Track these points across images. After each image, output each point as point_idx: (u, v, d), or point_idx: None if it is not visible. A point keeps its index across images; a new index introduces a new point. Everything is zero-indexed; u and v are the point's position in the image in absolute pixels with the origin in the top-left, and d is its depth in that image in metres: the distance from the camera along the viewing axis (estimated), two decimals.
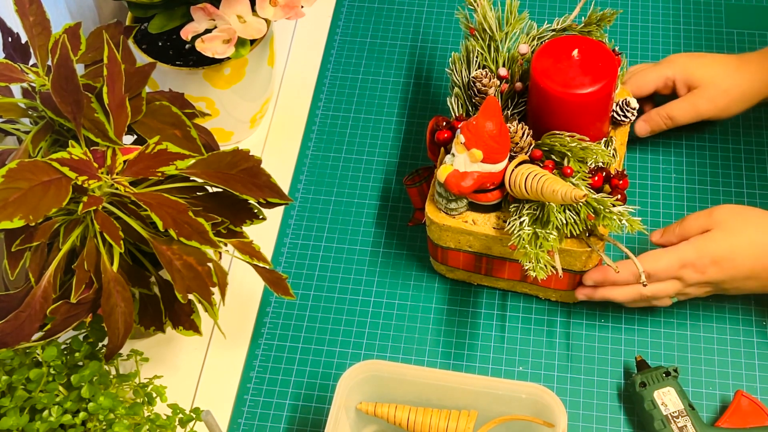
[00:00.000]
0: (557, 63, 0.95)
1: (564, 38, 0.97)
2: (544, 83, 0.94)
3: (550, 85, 0.94)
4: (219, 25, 1.01)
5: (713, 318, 1.04)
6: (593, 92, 0.94)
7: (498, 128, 0.91)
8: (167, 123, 0.89)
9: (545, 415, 0.86)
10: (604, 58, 0.95)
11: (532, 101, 0.98)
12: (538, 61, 0.95)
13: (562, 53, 0.95)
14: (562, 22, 1.03)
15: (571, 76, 0.94)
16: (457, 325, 1.04)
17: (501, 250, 0.98)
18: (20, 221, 0.75)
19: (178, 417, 0.87)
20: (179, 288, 0.80)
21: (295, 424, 0.98)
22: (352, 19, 1.31)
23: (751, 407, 0.95)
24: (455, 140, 0.93)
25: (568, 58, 0.95)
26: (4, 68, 0.86)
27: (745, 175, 1.13)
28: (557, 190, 0.88)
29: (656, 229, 1.02)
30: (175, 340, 1.04)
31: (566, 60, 0.95)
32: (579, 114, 0.95)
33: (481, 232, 0.97)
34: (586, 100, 0.94)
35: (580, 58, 0.95)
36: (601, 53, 0.95)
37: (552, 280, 1.01)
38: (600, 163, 0.95)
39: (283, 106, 1.23)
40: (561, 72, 0.94)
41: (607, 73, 0.94)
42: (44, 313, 0.80)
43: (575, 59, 0.95)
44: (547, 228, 0.92)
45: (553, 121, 0.96)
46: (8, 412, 0.82)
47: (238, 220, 0.87)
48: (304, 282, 1.08)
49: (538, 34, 1.03)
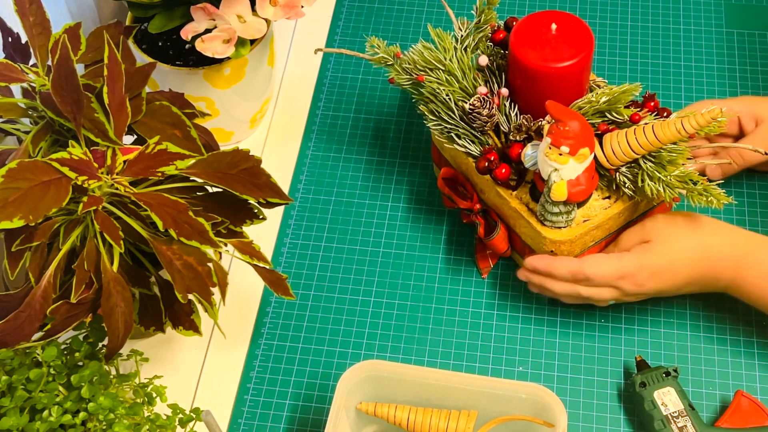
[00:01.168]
0: (536, 38, 0.95)
1: (542, 13, 0.97)
2: (523, 58, 0.95)
3: (529, 59, 0.94)
4: (219, 25, 1.01)
5: (713, 318, 1.04)
6: (572, 65, 0.94)
7: (580, 120, 0.91)
8: (167, 123, 0.89)
9: (545, 415, 0.86)
10: (581, 32, 0.95)
11: (512, 75, 0.98)
12: (516, 37, 0.96)
13: (540, 28, 0.96)
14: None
15: (549, 50, 0.95)
16: (457, 325, 1.04)
17: (620, 222, 0.99)
18: (20, 221, 0.75)
19: (178, 417, 0.87)
20: (179, 288, 0.80)
21: (295, 424, 0.98)
22: (352, 19, 1.31)
23: (751, 407, 0.95)
24: (550, 156, 0.90)
25: (546, 33, 0.95)
26: (4, 68, 0.86)
27: None
28: (675, 122, 0.91)
29: None
30: (175, 340, 1.04)
31: (544, 35, 0.95)
32: (558, 87, 0.96)
33: (614, 211, 0.97)
34: (565, 73, 0.94)
35: (557, 32, 0.95)
36: (577, 27, 0.96)
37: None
38: (634, 96, 0.96)
39: (283, 106, 1.23)
40: (540, 46, 0.95)
41: (584, 46, 0.95)
42: (44, 313, 0.80)
43: (553, 33, 0.95)
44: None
45: (533, 94, 0.97)
46: (8, 412, 0.81)
47: (238, 220, 0.87)
48: (304, 282, 1.08)
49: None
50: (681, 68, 1.23)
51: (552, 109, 0.90)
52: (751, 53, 1.24)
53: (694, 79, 1.22)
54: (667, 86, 1.21)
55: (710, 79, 1.22)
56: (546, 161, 0.91)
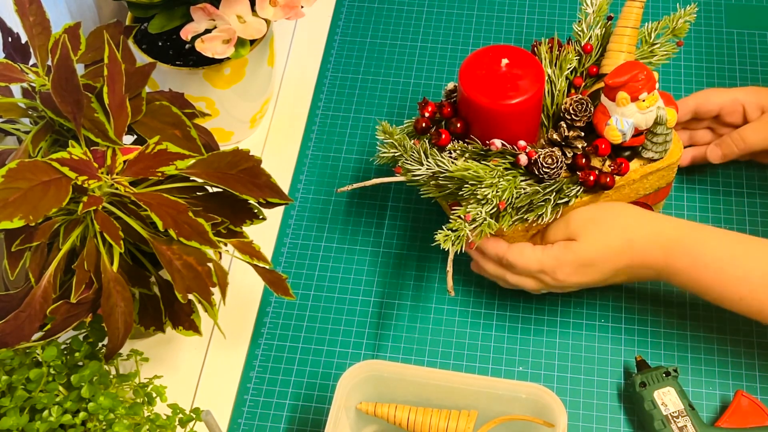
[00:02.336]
0: (486, 73, 0.94)
1: (492, 48, 0.96)
2: (472, 95, 0.93)
3: (479, 97, 0.93)
4: (219, 25, 1.01)
5: (713, 318, 1.04)
6: (522, 102, 0.93)
7: (638, 68, 0.94)
8: (167, 123, 0.89)
9: (545, 415, 0.86)
10: (532, 67, 0.94)
11: (463, 111, 0.97)
12: (466, 72, 0.94)
13: (490, 63, 0.94)
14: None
15: (499, 87, 0.93)
16: (457, 325, 1.04)
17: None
18: (20, 221, 0.75)
19: (178, 417, 0.87)
20: (179, 288, 0.80)
21: (295, 424, 0.98)
22: (352, 19, 1.31)
23: (751, 407, 0.95)
24: (644, 105, 0.94)
25: (496, 68, 0.94)
26: (4, 68, 0.86)
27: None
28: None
29: None
30: (175, 340, 1.04)
31: (494, 70, 0.94)
32: (509, 123, 0.94)
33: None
34: (516, 110, 0.93)
35: (507, 68, 0.94)
36: (528, 63, 0.94)
37: None
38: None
39: (283, 106, 1.23)
40: (489, 82, 0.93)
41: (535, 82, 0.93)
42: (44, 313, 0.80)
43: (503, 70, 0.94)
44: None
45: (485, 130, 0.95)
46: (8, 412, 0.81)
47: (238, 220, 0.87)
48: (304, 282, 1.08)
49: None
50: (681, 68, 1.23)
51: (616, 78, 0.93)
52: (751, 53, 1.24)
53: (694, 79, 1.22)
54: (666, 86, 1.21)
55: (710, 79, 1.22)
56: (642, 112, 0.94)
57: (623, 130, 0.95)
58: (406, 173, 0.97)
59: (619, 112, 0.95)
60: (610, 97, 0.95)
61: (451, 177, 0.94)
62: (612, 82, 0.93)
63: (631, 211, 0.96)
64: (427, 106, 0.99)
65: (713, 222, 1.10)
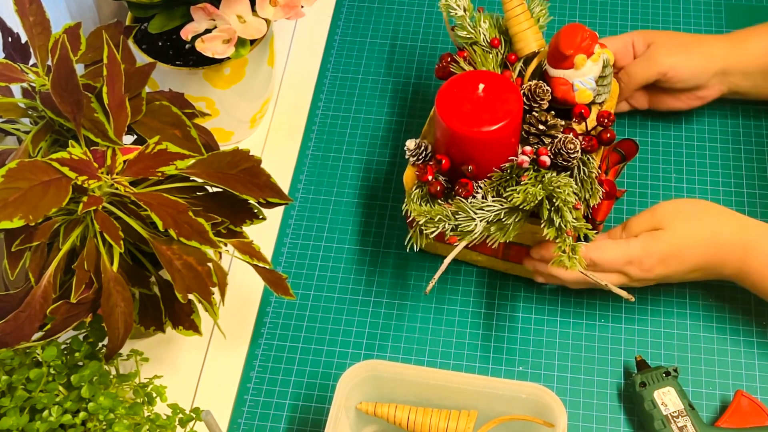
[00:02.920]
0: (462, 100, 0.93)
1: (469, 73, 0.95)
2: (449, 123, 0.92)
3: (456, 124, 0.92)
4: (219, 25, 1.01)
5: (713, 318, 1.04)
6: (498, 129, 0.92)
7: (575, 32, 0.96)
8: (167, 123, 0.89)
9: (545, 415, 0.86)
10: (509, 93, 0.93)
11: (438, 134, 0.96)
12: (442, 99, 0.94)
13: (466, 89, 0.94)
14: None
15: (475, 114, 0.92)
16: (457, 326, 1.04)
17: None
18: (20, 221, 0.75)
19: (178, 417, 0.87)
20: (179, 288, 0.80)
21: (295, 424, 0.98)
22: (352, 19, 1.31)
23: (751, 407, 0.95)
24: (596, 58, 0.98)
25: (473, 94, 0.93)
26: (4, 68, 0.86)
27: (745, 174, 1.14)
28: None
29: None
30: (175, 340, 1.04)
31: (471, 96, 0.93)
32: (486, 149, 0.94)
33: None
34: (492, 137, 0.92)
35: (485, 94, 0.93)
36: (505, 87, 0.94)
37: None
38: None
39: (283, 106, 1.23)
40: (465, 110, 0.93)
41: (513, 107, 0.93)
42: (44, 313, 0.80)
43: (480, 95, 0.93)
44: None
45: (461, 154, 0.94)
46: (8, 412, 0.82)
47: (238, 220, 0.87)
48: (304, 282, 1.08)
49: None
50: None
51: (569, 46, 0.95)
52: None
53: None
54: None
55: None
56: (596, 64, 0.98)
57: (591, 87, 0.98)
58: (465, 236, 0.93)
59: (579, 75, 0.97)
60: (565, 66, 0.97)
61: (513, 209, 0.92)
62: (571, 51, 0.95)
63: (717, 207, 0.98)
64: (425, 174, 0.95)
65: None
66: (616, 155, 1.07)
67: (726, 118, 1.18)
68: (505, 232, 0.93)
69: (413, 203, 0.96)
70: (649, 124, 1.18)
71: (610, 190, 0.97)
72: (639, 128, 1.18)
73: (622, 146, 1.07)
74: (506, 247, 1.02)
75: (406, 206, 0.97)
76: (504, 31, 1.03)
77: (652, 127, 1.18)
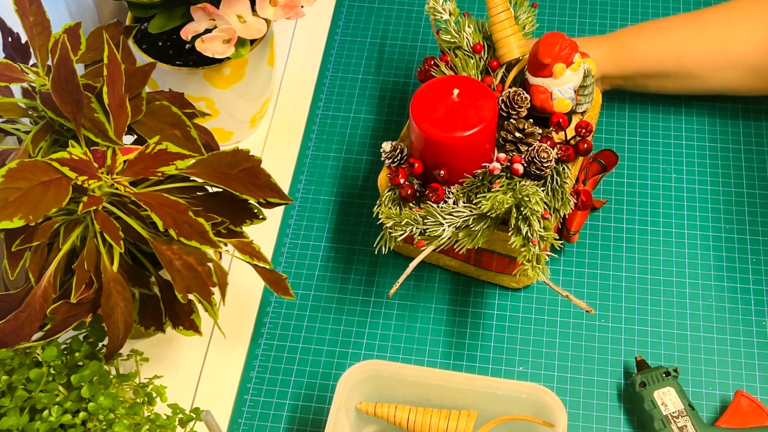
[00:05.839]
0: (436, 105, 0.93)
1: (446, 78, 0.95)
2: (423, 127, 0.92)
3: (429, 128, 0.92)
4: (219, 25, 1.01)
5: (713, 318, 1.04)
6: (471, 135, 0.92)
7: (553, 41, 0.96)
8: (167, 123, 0.89)
9: (545, 415, 0.86)
10: (484, 98, 0.93)
11: (412, 138, 0.96)
12: (417, 102, 0.93)
13: (441, 94, 0.93)
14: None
15: (449, 119, 0.92)
16: (457, 325, 1.04)
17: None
18: (20, 221, 0.75)
19: (178, 417, 0.87)
20: (179, 288, 0.80)
21: (295, 424, 0.98)
22: (352, 19, 1.31)
23: (751, 407, 0.95)
24: (576, 67, 0.97)
25: (447, 99, 0.93)
26: (4, 68, 0.86)
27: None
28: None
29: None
30: (175, 340, 1.04)
31: (446, 101, 0.93)
32: (461, 154, 0.94)
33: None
34: (464, 143, 0.92)
35: (459, 99, 0.93)
36: (481, 93, 0.93)
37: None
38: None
39: (283, 106, 1.23)
40: (439, 114, 0.92)
41: (488, 114, 0.92)
42: (44, 313, 0.80)
43: (455, 101, 0.93)
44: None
45: (433, 158, 0.94)
46: (8, 412, 0.82)
47: (238, 220, 0.87)
48: (304, 282, 1.08)
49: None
50: None
51: (548, 55, 0.95)
52: None
53: None
54: None
55: None
56: (576, 73, 0.98)
57: (569, 96, 0.98)
58: (432, 240, 0.93)
59: (558, 83, 0.97)
60: (544, 75, 0.97)
61: (482, 216, 0.92)
62: (549, 59, 0.95)
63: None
64: (397, 177, 0.95)
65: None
66: (597, 165, 1.06)
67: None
68: (474, 239, 0.93)
69: (384, 206, 0.96)
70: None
71: (586, 200, 0.97)
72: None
73: (602, 156, 1.06)
74: (477, 253, 1.02)
75: (376, 208, 0.97)
76: (488, 37, 1.03)
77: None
